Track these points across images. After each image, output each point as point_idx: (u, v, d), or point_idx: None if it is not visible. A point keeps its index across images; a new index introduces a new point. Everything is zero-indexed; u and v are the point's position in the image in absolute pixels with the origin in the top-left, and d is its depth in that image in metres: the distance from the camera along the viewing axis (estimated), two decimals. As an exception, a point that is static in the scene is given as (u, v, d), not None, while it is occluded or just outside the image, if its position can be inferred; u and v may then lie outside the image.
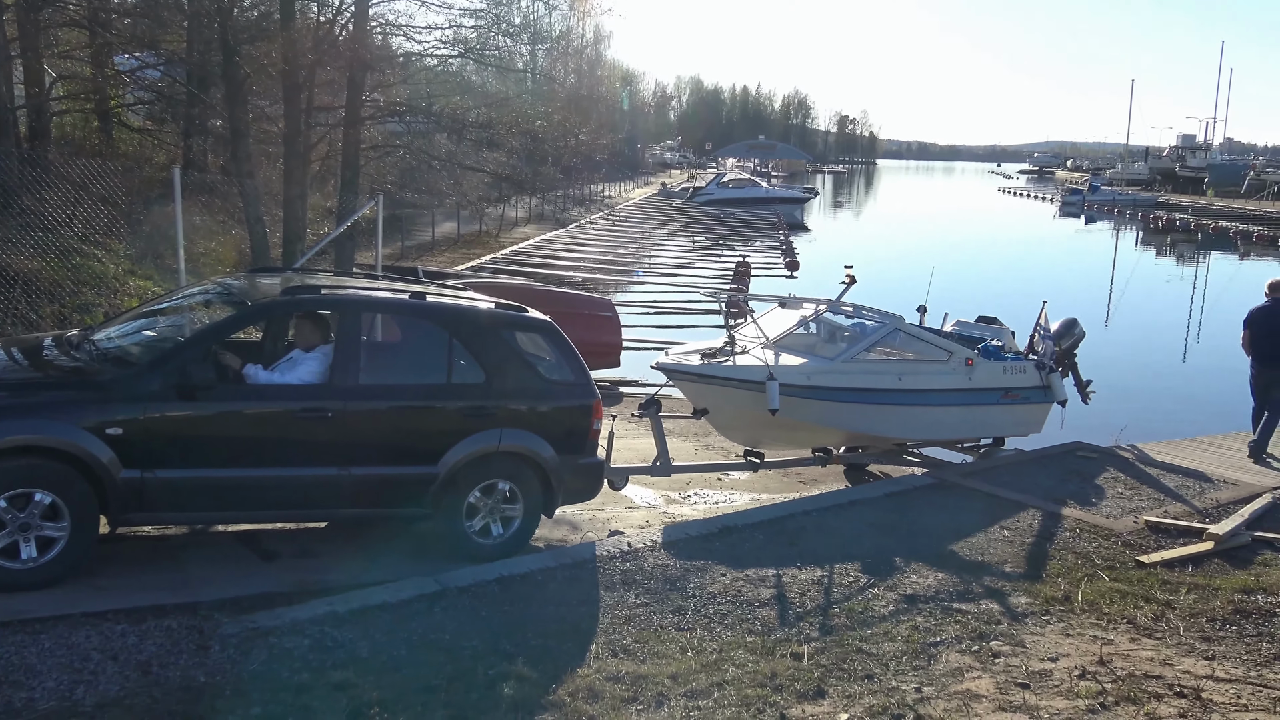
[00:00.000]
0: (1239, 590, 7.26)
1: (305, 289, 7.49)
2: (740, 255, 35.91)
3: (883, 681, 5.52)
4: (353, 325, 7.32)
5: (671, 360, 10.77)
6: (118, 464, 6.32)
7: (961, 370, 11.20)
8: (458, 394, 7.48)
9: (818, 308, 11.48)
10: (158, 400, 6.47)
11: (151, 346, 7.05)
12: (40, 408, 6.28)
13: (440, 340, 7.53)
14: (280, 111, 18.05)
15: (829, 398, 10.50)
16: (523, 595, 6.59)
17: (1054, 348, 12.09)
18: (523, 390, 7.65)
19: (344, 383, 7.07)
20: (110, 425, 6.31)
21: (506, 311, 7.95)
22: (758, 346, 10.82)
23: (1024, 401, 11.71)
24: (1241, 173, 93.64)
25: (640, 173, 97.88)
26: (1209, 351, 25.09)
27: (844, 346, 11.06)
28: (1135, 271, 44.23)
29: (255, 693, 5.08)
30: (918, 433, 11.46)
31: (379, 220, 13.87)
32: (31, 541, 6.17)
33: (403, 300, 7.71)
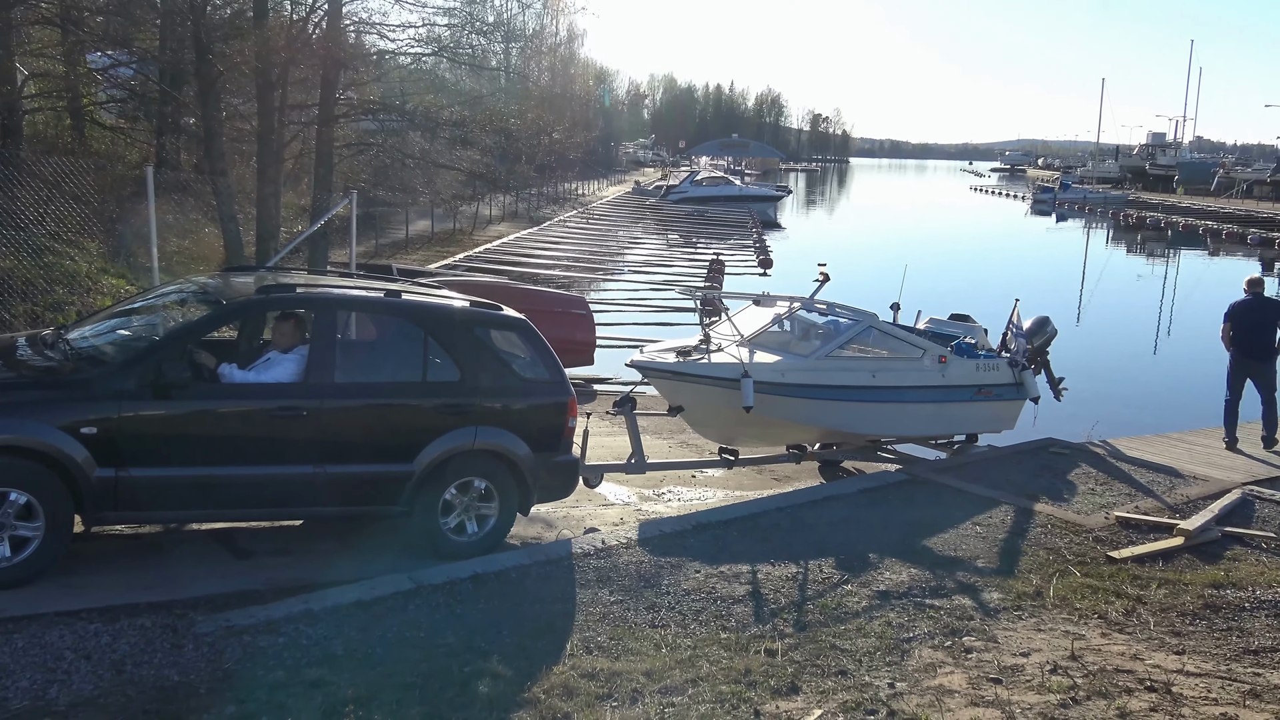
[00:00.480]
0: (1209, 585, 7.35)
1: (280, 288, 7.47)
2: (714, 253, 35.99)
3: (856, 677, 5.56)
4: (328, 324, 7.33)
5: (646, 358, 10.80)
6: (92, 463, 6.30)
7: (935, 368, 11.27)
8: (433, 392, 7.48)
9: (791, 305, 11.52)
10: (133, 399, 6.45)
11: (126, 345, 7.02)
12: (14, 407, 6.25)
13: (415, 338, 7.53)
14: (254, 109, 17.95)
15: (803, 395, 10.55)
16: (498, 592, 6.59)
17: (1026, 345, 12.18)
18: (498, 388, 7.67)
19: (319, 381, 7.06)
20: (85, 424, 6.30)
21: (481, 310, 7.97)
22: (732, 344, 10.85)
23: (997, 399, 11.80)
24: (1211, 171, 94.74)
25: (614, 171, 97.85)
26: (1180, 348, 25.35)
27: (818, 344, 11.12)
28: (1106, 269, 44.64)
29: (230, 691, 5.07)
30: (892, 429, 11.55)
31: (353, 218, 13.81)
32: (5, 541, 6.15)
33: (378, 299, 7.75)
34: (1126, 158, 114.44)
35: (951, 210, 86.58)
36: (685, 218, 53.80)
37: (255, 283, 7.83)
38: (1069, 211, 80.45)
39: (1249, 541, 8.59)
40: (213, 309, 7.30)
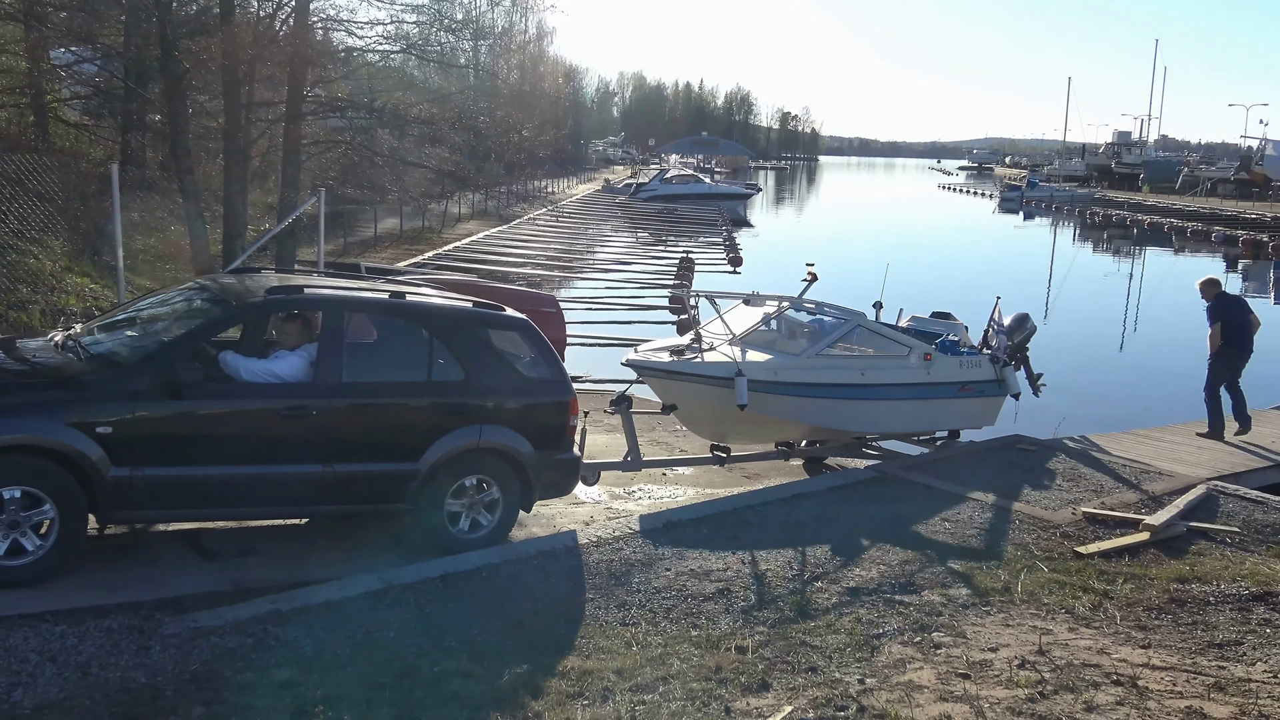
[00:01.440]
0: (1174, 580, 7.43)
1: (288, 289, 7.57)
2: (684, 251, 36.03)
3: (826, 674, 5.58)
4: (335, 324, 7.39)
5: (642, 357, 10.97)
6: (107, 462, 6.38)
7: (920, 365, 11.49)
8: (438, 391, 7.60)
9: (781, 305, 11.70)
10: (146, 399, 6.55)
11: (139, 346, 7.11)
12: (30, 406, 6.34)
13: (421, 339, 7.67)
14: (220, 107, 17.75)
15: (795, 393, 10.73)
16: (468, 592, 6.57)
17: (1007, 342, 12.38)
18: (501, 387, 7.81)
19: (327, 381, 7.18)
20: (100, 424, 6.38)
21: (485, 310, 8.13)
22: (724, 343, 11.04)
23: (979, 395, 12.00)
24: (1176, 169, 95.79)
25: (584, 169, 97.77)
26: (1145, 345, 25.66)
27: (808, 343, 11.30)
28: (1074, 266, 45.08)
29: (197, 693, 5.02)
30: (878, 426, 11.71)
31: (320, 216, 13.70)
32: (19, 538, 6.24)
33: (384, 300, 7.83)
34: (1093, 156, 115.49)
35: (920, 208, 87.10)
36: (655, 215, 53.82)
37: (262, 284, 7.85)
38: (1036, 209, 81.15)
39: (1214, 536, 8.69)
40: (223, 309, 7.39)
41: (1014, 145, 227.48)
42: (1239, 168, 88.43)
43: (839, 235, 57.20)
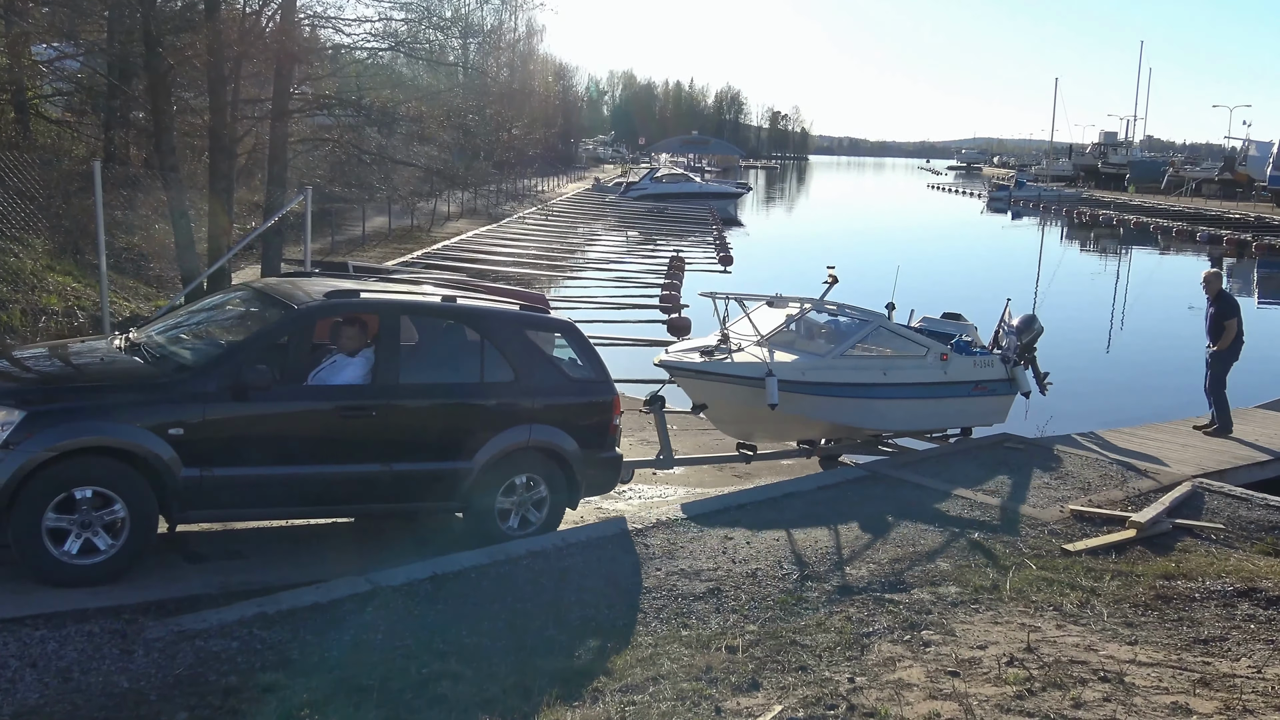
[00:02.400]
0: (1160, 576, 7.44)
1: (346, 293, 7.69)
2: (674, 250, 36.00)
3: (816, 673, 5.56)
4: (392, 327, 7.58)
5: (674, 358, 11.34)
6: (179, 463, 6.58)
7: (937, 365, 11.89)
8: (490, 392, 7.82)
9: (803, 306, 12.05)
10: (215, 401, 6.75)
11: (207, 350, 7.33)
12: (105, 409, 6.49)
13: (472, 341, 7.87)
14: (206, 104, 17.64)
15: (822, 392, 11.10)
16: (456, 593, 6.53)
17: (1017, 342, 12.71)
18: (549, 387, 8.03)
19: (386, 382, 7.40)
20: (172, 426, 6.58)
21: (531, 313, 8.41)
22: (752, 344, 11.38)
23: (991, 394, 12.40)
24: (1161, 169, 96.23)
25: (574, 167, 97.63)
26: (1132, 344, 25.74)
27: (833, 344, 11.66)
28: (1061, 265, 45.21)
29: (181, 697, 4.98)
30: (898, 424, 12.04)
31: (307, 215, 13.62)
32: (95, 536, 6.40)
33: (438, 303, 8.04)
34: (1079, 156, 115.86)
35: (910, 207, 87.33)
36: (645, 215, 53.78)
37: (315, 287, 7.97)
38: (1024, 209, 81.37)
39: (1199, 533, 8.72)
40: (285, 314, 7.44)
41: (1002, 145, 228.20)
42: (1223, 168, 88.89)
43: (830, 234, 57.28)
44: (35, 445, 6.21)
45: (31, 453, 6.19)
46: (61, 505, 6.31)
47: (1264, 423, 13.78)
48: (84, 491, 6.34)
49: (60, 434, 6.28)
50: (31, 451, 6.19)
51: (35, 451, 6.20)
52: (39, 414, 6.31)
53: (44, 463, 6.22)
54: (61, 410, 6.40)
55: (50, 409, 6.38)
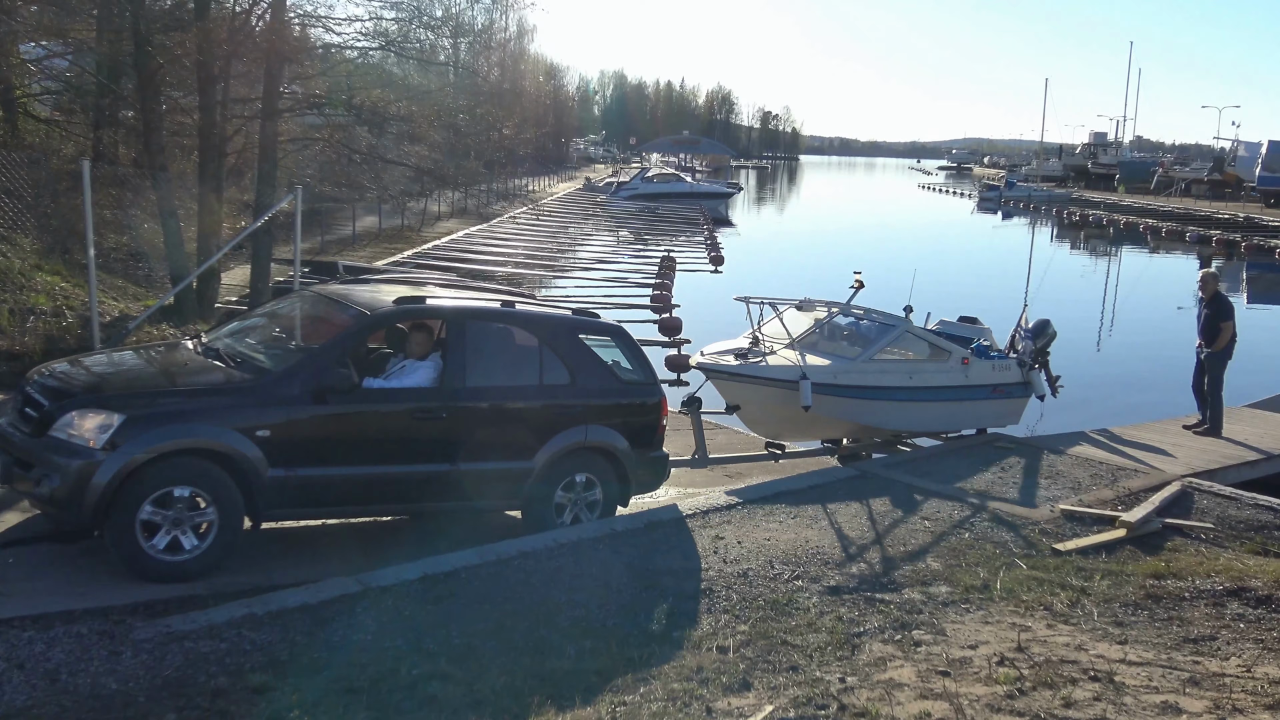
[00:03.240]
0: (1150, 576, 7.46)
1: (416, 299, 8.03)
2: (665, 250, 35.99)
3: (807, 673, 5.56)
4: (459, 332, 7.89)
5: (710, 360, 11.71)
6: (265, 463, 6.84)
7: (959, 368, 12.31)
8: (548, 394, 8.15)
9: (830, 310, 12.48)
10: (299, 404, 7.03)
11: (286, 354, 7.61)
12: (197, 412, 6.79)
13: (531, 345, 8.21)
14: (195, 103, 17.55)
15: (852, 395, 11.51)
16: (446, 593, 6.51)
17: (1033, 346, 13.06)
18: (602, 389, 8.39)
19: (454, 385, 7.70)
20: (260, 428, 6.85)
21: (584, 317, 8.84)
22: (782, 346, 11.80)
23: (1008, 396, 12.80)
24: (1151, 170, 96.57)
25: (565, 167, 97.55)
26: (1121, 343, 25.82)
27: (861, 347, 12.04)
28: (1051, 265, 45.32)
29: (170, 699, 4.95)
30: (922, 425, 12.44)
31: (297, 214, 13.56)
32: (180, 535, 6.62)
33: (499, 309, 8.44)
34: (1069, 156, 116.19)
35: (901, 208, 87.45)
36: (636, 214, 53.77)
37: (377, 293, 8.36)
38: (1014, 209, 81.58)
39: (1188, 533, 8.74)
40: (359, 319, 7.73)
41: (992, 146, 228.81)
42: (1212, 168, 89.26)
43: (822, 235, 57.36)
44: (135, 447, 6.44)
45: (131, 454, 6.42)
46: (156, 503, 6.54)
47: (1253, 422, 13.83)
48: (178, 491, 6.58)
49: (158, 436, 6.53)
50: (132, 453, 6.42)
51: (135, 453, 6.43)
52: (138, 417, 6.54)
53: (142, 463, 6.45)
54: (158, 414, 6.65)
55: (148, 413, 6.63)
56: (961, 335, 13.00)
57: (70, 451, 6.41)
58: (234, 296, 18.92)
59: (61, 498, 6.39)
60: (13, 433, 6.81)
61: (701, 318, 21.23)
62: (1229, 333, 12.88)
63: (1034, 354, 13.05)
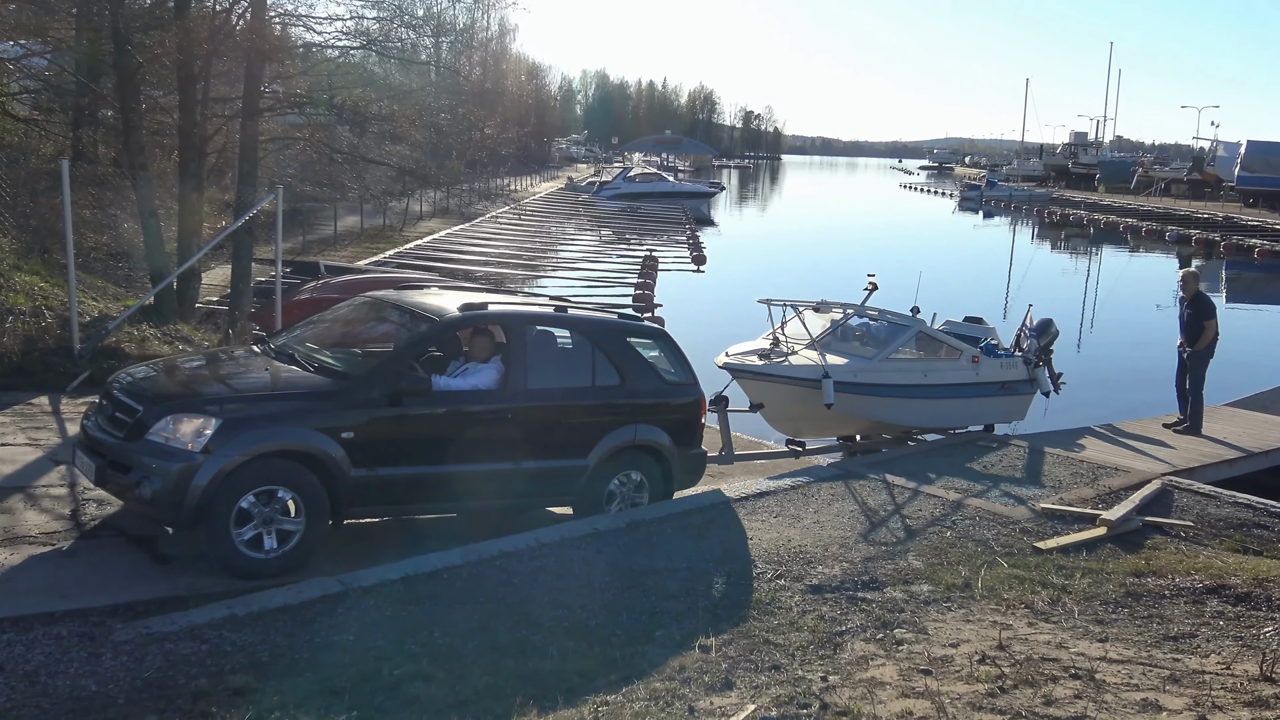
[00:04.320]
0: (1130, 574, 7.51)
1: (478, 305, 8.32)
2: (647, 250, 36.00)
3: (789, 671, 5.57)
4: (520, 336, 8.25)
5: (735, 361, 12.21)
6: (349, 464, 7.11)
7: (970, 366, 12.86)
8: (601, 395, 8.53)
9: (846, 311, 13.04)
10: (378, 406, 7.30)
11: (361, 358, 8.03)
12: (291, 415, 7.05)
13: (585, 347, 8.60)
14: (175, 102, 17.42)
15: (871, 393, 12.03)
16: (428, 594, 6.49)
17: (1037, 345, 13.54)
18: (649, 389, 8.75)
19: (517, 387, 8.03)
20: (344, 429, 7.13)
21: (630, 321, 9.26)
22: (802, 347, 12.37)
23: (1015, 393, 13.31)
24: (1131, 169, 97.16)
25: (547, 167, 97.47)
26: (1101, 343, 25.96)
27: (877, 347, 12.53)
28: (1032, 265, 45.55)
29: (150, 700, 4.92)
30: (935, 422, 12.87)
31: (278, 214, 13.49)
32: (272, 534, 6.89)
33: (554, 314, 8.92)
34: (1050, 156, 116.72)
35: (883, 207, 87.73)
36: (619, 214, 53.75)
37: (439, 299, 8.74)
38: (995, 209, 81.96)
39: (1168, 531, 8.80)
40: (429, 325, 8.06)
41: (973, 145, 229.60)
42: (1191, 168, 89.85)
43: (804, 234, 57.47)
44: (232, 450, 6.69)
45: (229, 456, 6.68)
46: (250, 503, 6.78)
47: (1232, 421, 13.95)
48: (269, 491, 6.85)
49: (253, 439, 6.78)
50: (229, 456, 6.68)
51: (232, 455, 6.69)
52: (233, 421, 6.79)
53: (238, 465, 6.71)
54: (252, 417, 6.91)
55: (243, 416, 6.88)
56: (969, 335, 13.50)
57: (170, 455, 6.66)
58: (215, 297, 18.83)
59: (163, 499, 6.62)
60: (105, 437, 7.01)
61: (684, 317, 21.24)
62: (1212, 331, 12.98)
63: (1038, 352, 13.53)
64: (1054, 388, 13.83)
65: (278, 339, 8.56)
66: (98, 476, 6.95)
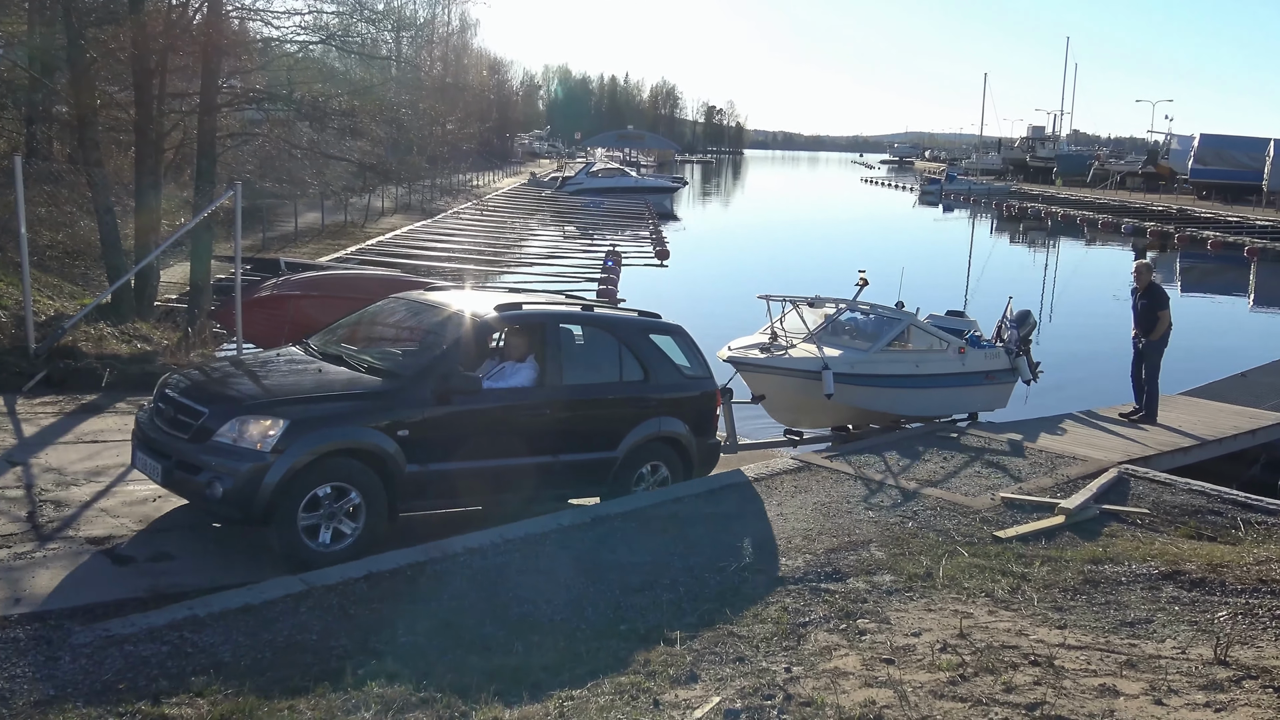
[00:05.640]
0: (1088, 561, 7.61)
1: (513, 306, 8.71)
2: (610, 245, 35.98)
3: (754, 663, 5.60)
4: (554, 335, 8.63)
5: (738, 353, 12.72)
6: (404, 460, 7.44)
7: (956, 357, 13.45)
8: (628, 390, 9.00)
9: (839, 306, 13.61)
10: (429, 404, 7.63)
11: (407, 359, 8.21)
12: (353, 415, 7.33)
13: (612, 345, 9.04)
14: (131, 98, 17.21)
15: (867, 383, 12.57)
16: (392, 592, 6.47)
17: (1018, 335, 14.06)
18: (670, 383, 9.23)
19: (553, 384, 8.46)
20: (400, 427, 7.46)
21: (651, 319, 9.60)
22: (799, 340, 12.94)
23: (998, 382, 13.91)
24: (1087, 163, 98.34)
25: (510, 162, 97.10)
26: (1059, 334, 26.25)
27: (871, 339, 13.01)
28: (991, 257, 45.98)
29: (109, 704, 4.86)
30: (925, 410, 13.28)
31: (237, 211, 13.35)
32: (336, 528, 7.21)
33: (583, 312, 9.39)
34: (1008, 150, 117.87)
35: (844, 201, 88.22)
36: (582, 209, 53.66)
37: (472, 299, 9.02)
38: (955, 202, 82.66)
39: (1125, 518, 8.94)
40: (473, 325, 8.34)
41: (933, 140, 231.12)
42: (1146, 162, 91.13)
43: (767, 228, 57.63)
44: (300, 449, 6.99)
45: (297, 455, 6.97)
46: (314, 500, 7.09)
47: (1187, 409, 14.18)
48: (334, 487, 7.16)
49: (319, 438, 7.08)
50: (297, 455, 6.97)
51: (301, 454, 6.98)
52: (300, 421, 7.07)
53: (306, 464, 6.99)
54: (317, 417, 7.18)
55: (308, 416, 7.15)
56: (953, 327, 14.02)
57: (240, 455, 6.92)
58: (174, 294, 18.62)
59: (234, 498, 6.87)
60: (168, 439, 7.24)
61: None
62: (1165, 322, 13.18)
63: (1018, 342, 14.07)
64: (1033, 376, 14.42)
65: (316, 339, 8.80)
66: (164, 478, 7.18)
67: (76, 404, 10.54)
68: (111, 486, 8.23)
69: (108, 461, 8.80)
